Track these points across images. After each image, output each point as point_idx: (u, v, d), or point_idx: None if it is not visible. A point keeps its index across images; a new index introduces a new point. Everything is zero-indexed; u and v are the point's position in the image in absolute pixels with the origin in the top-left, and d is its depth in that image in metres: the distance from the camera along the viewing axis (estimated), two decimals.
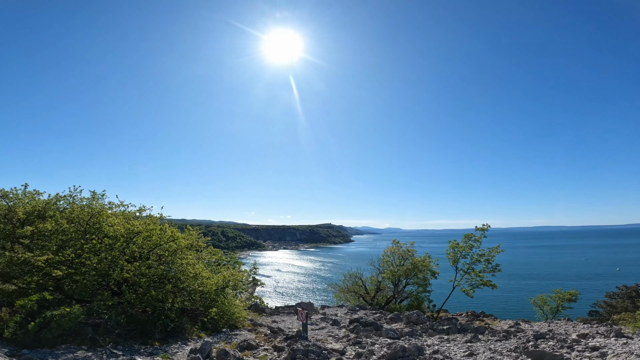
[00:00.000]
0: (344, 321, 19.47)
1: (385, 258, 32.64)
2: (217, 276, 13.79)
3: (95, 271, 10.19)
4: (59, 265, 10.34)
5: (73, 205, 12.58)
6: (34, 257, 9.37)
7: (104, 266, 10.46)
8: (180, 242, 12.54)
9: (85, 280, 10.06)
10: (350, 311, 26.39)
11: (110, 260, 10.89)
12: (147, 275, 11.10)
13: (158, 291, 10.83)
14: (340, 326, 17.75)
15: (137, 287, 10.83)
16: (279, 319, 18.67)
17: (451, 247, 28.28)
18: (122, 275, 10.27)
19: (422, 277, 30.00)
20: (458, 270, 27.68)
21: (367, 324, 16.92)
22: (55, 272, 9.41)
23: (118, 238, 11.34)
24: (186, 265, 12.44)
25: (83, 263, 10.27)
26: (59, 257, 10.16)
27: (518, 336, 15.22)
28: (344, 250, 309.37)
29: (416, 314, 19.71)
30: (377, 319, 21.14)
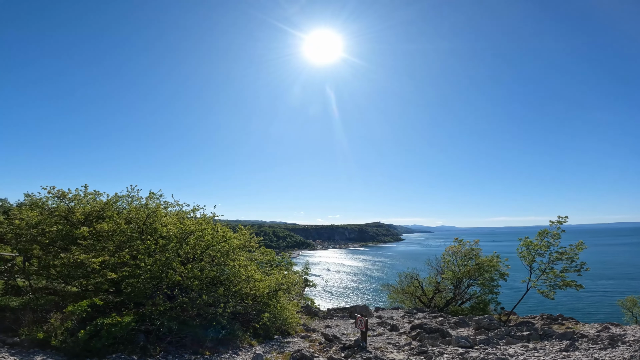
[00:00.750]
0: (402, 325, 17.92)
1: (446, 257, 30.57)
2: (269, 279, 13.07)
3: (149, 273, 9.90)
4: (116, 268, 10.24)
5: (131, 205, 12.61)
6: (89, 258, 9.27)
7: (157, 268, 10.14)
8: (232, 242, 11.99)
9: (139, 283, 9.82)
10: (407, 314, 24.82)
11: (163, 262, 10.58)
12: (199, 278, 10.63)
13: (210, 295, 10.30)
14: (400, 332, 16.26)
15: (189, 290, 10.40)
16: (332, 324, 17.65)
17: (524, 244, 25.53)
18: (175, 278, 9.86)
19: (489, 277, 27.48)
20: (533, 270, 24.96)
21: (431, 330, 15.21)
22: (110, 275, 9.23)
23: (171, 238, 11.02)
24: (238, 267, 11.83)
25: (138, 265, 10.04)
26: (114, 259, 10.03)
27: (627, 343, 12.41)
28: (394, 249, 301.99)
29: (488, 319, 17.51)
30: (439, 323, 19.26)
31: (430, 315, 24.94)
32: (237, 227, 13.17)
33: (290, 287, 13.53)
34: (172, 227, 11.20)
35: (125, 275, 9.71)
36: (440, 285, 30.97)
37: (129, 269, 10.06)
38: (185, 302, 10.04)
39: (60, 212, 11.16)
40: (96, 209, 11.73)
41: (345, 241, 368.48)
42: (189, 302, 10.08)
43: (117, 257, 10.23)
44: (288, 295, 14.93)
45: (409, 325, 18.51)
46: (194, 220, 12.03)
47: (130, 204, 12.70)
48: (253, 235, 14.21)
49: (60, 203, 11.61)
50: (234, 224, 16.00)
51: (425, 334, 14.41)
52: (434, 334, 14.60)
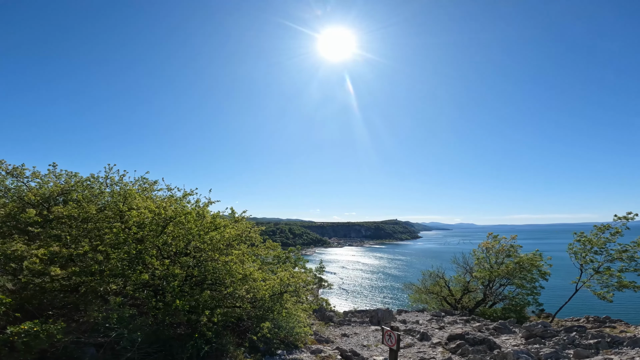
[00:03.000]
0: (433, 332, 15.14)
1: (478, 255, 27.68)
2: (272, 279, 10.51)
3: (108, 269, 7.49)
4: (70, 262, 7.90)
5: (103, 190, 10.28)
6: (32, 249, 6.96)
7: (122, 264, 7.74)
8: (224, 232, 9.47)
9: (94, 282, 7.43)
10: (434, 317, 22.11)
11: (133, 255, 8.17)
12: (179, 277, 8.15)
13: (190, 299, 7.81)
14: (433, 342, 13.47)
15: (165, 293, 7.94)
16: (350, 331, 15.00)
17: (578, 240, 22.68)
18: (140, 277, 7.42)
19: (530, 277, 24.63)
20: (584, 269, 22.26)
21: (475, 340, 12.33)
22: (53, 270, 6.88)
23: (145, 226, 8.60)
24: (231, 264, 9.29)
25: (96, 259, 7.64)
26: (68, 251, 7.68)
27: None
28: (411, 247, 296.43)
29: (542, 325, 14.51)
30: (477, 328, 16.34)
31: (461, 318, 22.28)
32: (231, 214, 10.52)
33: (299, 288, 10.94)
34: (147, 212, 8.76)
35: (75, 272, 7.34)
36: (470, 285, 28.14)
37: (82, 264, 7.70)
38: (157, 307, 7.60)
39: (8, 192, 8.93)
40: (57, 189, 9.44)
41: (361, 239, 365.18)
42: (162, 308, 7.62)
43: (72, 249, 7.88)
44: (297, 299, 12.36)
45: (439, 332, 15.77)
46: (178, 205, 9.56)
47: (106, 187, 10.36)
48: (253, 225, 11.67)
49: (16, 182, 9.40)
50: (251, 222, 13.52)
51: (468, 347, 11.59)
52: (479, 346, 11.75)
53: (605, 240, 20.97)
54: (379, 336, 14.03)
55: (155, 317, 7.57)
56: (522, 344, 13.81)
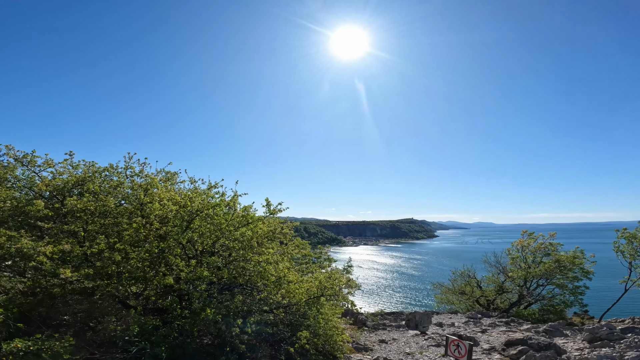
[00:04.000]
0: (479, 337, 13.61)
1: (513, 253, 26.01)
2: (308, 280, 9.30)
3: (127, 271, 6.41)
4: (83, 262, 6.87)
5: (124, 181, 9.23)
6: (39, 246, 5.94)
7: (142, 264, 6.65)
8: (257, 227, 8.29)
9: (110, 286, 6.35)
10: (470, 319, 20.68)
11: (155, 254, 7.09)
12: (207, 280, 7.01)
13: (220, 306, 6.66)
14: (484, 348, 12.06)
15: (192, 298, 6.81)
16: (387, 336, 13.66)
17: (625, 237, 21.01)
18: (166, 280, 6.31)
19: (573, 277, 22.93)
20: (634, 268, 20.64)
21: (540, 346, 10.81)
22: (62, 272, 5.83)
23: (170, 220, 7.52)
24: (265, 265, 8.10)
25: (112, 259, 6.58)
26: (81, 249, 6.65)
27: None
28: (427, 246, 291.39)
29: (607, 327, 12.90)
30: (535, 331, 14.78)
31: (500, 320, 20.79)
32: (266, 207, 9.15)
33: (338, 291, 9.69)
34: (171, 204, 7.66)
35: (89, 274, 6.28)
36: (505, 286, 26.49)
37: (100, 263, 6.65)
38: (183, 316, 6.47)
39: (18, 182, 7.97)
40: (72, 180, 8.45)
41: (377, 238, 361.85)
42: (189, 317, 6.50)
43: (86, 247, 6.86)
44: (333, 302, 11.14)
45: (484, 336, 14.27)
46: (201, 196, 8.41)
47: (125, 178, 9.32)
48: (285, 221, 10.49)
49: (27, 171, 8.45)
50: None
51: (534, 353, 10.07)
52: (545, 352, 10.22)
53: None
54: (421, 342, 12.67)
55: (180, 327, 6.46)
56: (586, 347, 12.25)
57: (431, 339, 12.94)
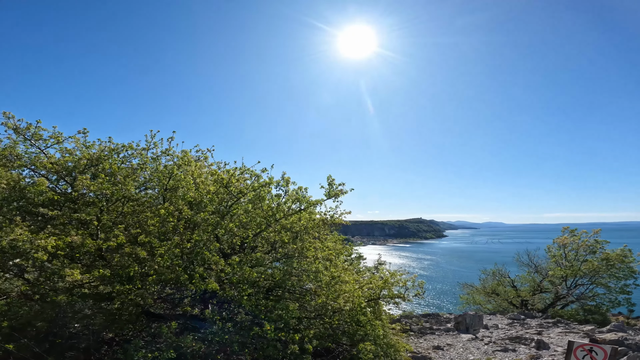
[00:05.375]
0: (541, 339, 11.85)
1: (553, 252, 24.31)
2: (366, 281, 7.67)
3: (154, 272, 4.83)
4: (98, 258, 5.31)
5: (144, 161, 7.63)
6: (37, 239, 4.39)
7: (173, 262, 5.05)
8: (306, 215, 6.67)
9: (133, 293, 4.77)
10: (515, 321, 18.99)
11: (188, 250, 5.50)
12: (252, 282, 5.40)
13: (273, 316, 5.04)
14: (557, 351, 10.39)
15: (235, 306, 5.20)
16: (438, 341, 11.98)
17: None
18: (208, 284, 4.71)
19: (623, 275, 21.29)
20: None
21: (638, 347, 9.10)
22: (68, 273, 4.27)
23: (205, 205, 5.92)
24: (318, 263, 6.48)
25: (137, 256, 5.00)
26: (92, 243, 5.07)
27: None
28: (436, 245, 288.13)
29: None
30: (594, 332, 13.01)
31: (547, 321, 19.04)
32: (328, 188, 7.29)
33: (400, 293, 8.05)
34: (208, 184, 6.07)
35: (105, 276, 4.70)
36: (542, 285, 24.90)
37: (119, 261, 5.07)
38: (225, 331, 4.86)
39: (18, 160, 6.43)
40: (85, 159, 6.90)
41: (385, 237, 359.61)
42: (234, 332, 4.88)
43: (101, 240, 5.29)
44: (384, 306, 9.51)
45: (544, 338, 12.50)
46: (241, 178, 6.79)
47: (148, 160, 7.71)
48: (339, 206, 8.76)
49: (29, 147, 6.93)
50: None
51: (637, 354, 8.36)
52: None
53: None
54: (482, 347, 10.99)
55: (223, 344, 4.83)
56: None
57: (493, 344, 11.24)
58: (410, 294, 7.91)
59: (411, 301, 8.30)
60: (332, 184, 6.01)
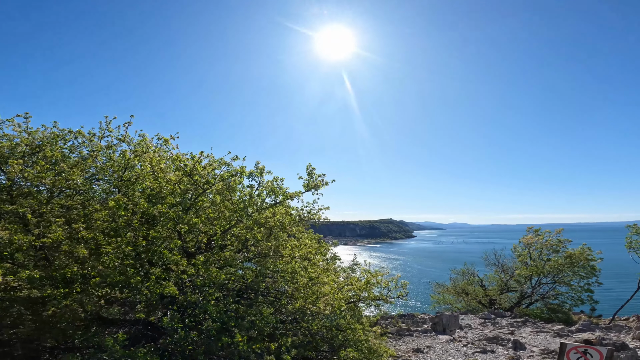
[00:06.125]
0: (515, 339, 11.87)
1: (519, 251, 24.98)
2: (348, 282, 7.13)
3: (98, 275, 3.98)
4: (28, 259, 4.37)
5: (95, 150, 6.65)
6: None
7: (122, 263, 4.22)
8: (282, 210, 6.00)
9: (71, 298, 3.90)
10: (486, 320, 19.20)
11: (144, 247, 4.69)
12: (219, 284, 4.67)
13: (245, 324, 4.35)
14: (539, 355, 10.38)
15: (200, 313, 4.44)
16: (417, 343, 11.68)
17: (635, 233, 20.17)
18: (161, 288, 3.95)
19: (585, 273, 22.14)
20: None
21: (616, 347, 9.16)
22: None
23: (164, 197, 5.09)
24: (295, 263, 5.85)
25: (74, 254, 4.12)
26: (24, 238, 4.15)
27: None
28: (406, 246, 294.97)
29: None
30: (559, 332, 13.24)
31: (516, 320, 19.47)
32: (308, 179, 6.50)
33: (381, 295, 7.59)
34: (167, 174, 5.25)
35: (32, 278, 3.81)
36: (509, 284, 25.62)
37: (59, 260, 4.18)
38: (192, 340, 4.11)
39: None
40: (24, 144, 5.85)
41: (356, 237, 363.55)
42: (202, 343, 4.15)
43: (32, 236, 4.35)
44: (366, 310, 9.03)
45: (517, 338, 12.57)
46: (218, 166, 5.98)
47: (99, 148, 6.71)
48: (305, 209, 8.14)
49: None
50: None
51: (618, 355, 8.38)
52: (624, 352, 8.55)
53: None
54: (462, 349, 10.79)
55: (186, 357, 4.08)
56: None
57: (472, 345, 11.07)
58: (392, 295, 7.44)
59: (393, 303, 7.84)
60: (312, 174, 5.38)
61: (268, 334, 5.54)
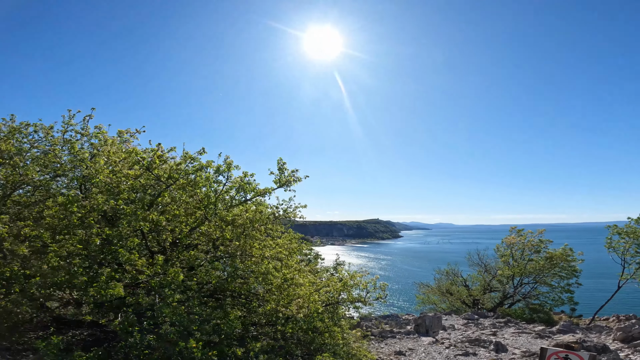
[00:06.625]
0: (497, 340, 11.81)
1: (502, 251, 25.08)
2: (325, 283, 6.85)
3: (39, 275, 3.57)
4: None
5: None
6: None
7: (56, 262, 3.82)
8: (252, 207, 5.67)
9: (6, 300, 3.50)
10: (469, 321, 19.21)
11: (97, 247, 4.28)
12: (183, 286, 4.31)
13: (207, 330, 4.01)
14: (516, 354, 10.32)
15: (159, 317, 4.07)
16: (400, 346, 11.48)
17: (617, 232, 20.51)
18: (111, 289, 3.57)
19: (565, 274, 22.40)
20: (627, 264, 20.16)
21: (597, 349, 9.09)
22: None
23: (121, 192, 4.69)
24: (267, 263, 5.52)
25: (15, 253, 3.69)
26: None
27: None
28: (393, 246, 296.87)
29: (639, 326, 11.60)
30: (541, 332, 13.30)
31: (498, 320, 19.55)
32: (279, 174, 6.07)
33: (361, 297, 7.33)
34: (125, 168, 4.84)
35: None
36: (492, 284, 25.75)
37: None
38: (147, 346, 3.74)
39: None
40: None
41: (344, 238, 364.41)
42: (158, 347, 3.78)
43: None
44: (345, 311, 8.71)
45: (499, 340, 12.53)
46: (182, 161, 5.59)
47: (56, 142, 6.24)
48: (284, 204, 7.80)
49: None
50: None
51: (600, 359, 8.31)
52: (604, 355, 8.50)
53: None
54: (444, 352, 10.63)
55: None
56: (625, 347, 10.86)
57: (454, 347, 10.91)
58: (371, 297, 7.18)
59: (372, 305, 7.58)
60: (284, 169, 5.06)
61: (238, 338, 5.20)
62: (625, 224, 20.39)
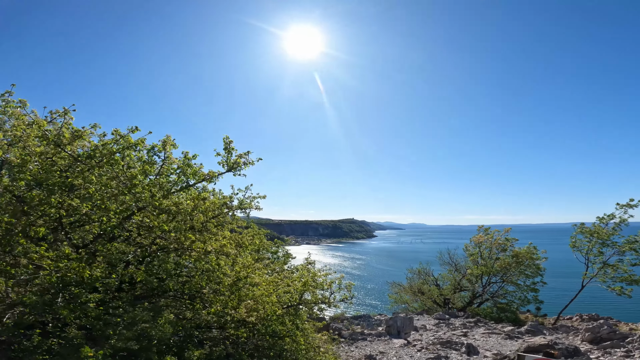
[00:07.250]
0: (468, 342, 11.59)
1: (471, 250, 25.24)
2: (282, 283, 6.20)
3: None
4: None
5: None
6: None
7: None
8: (195, 193, 4.91)
9: None
10: (441, 321, 19.18)
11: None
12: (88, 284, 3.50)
13: (129, 335, 3.24)
14: (487, 356, 10.06)
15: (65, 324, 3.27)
16: (371, 349, 11.01)
17: (582, 232, 20.98)
18: None
19: (531, 272, 22.74)
20: (590, 263, 20.62)
21: (569, 352, 8.90)
22: None
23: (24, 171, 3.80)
24: (215, 259, 4.80)
25: None
26: None
27: None
28: (367, 245, 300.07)
29: (607, 326, 11.78)
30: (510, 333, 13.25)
31: (468, 320, 19.58)
32: (226, 155, 5.32)
33: (325, 297, 6.72)
34: (32, 140, 3.97)
35: None
36: (462, 283, 25.92)
37: None
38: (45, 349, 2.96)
39: None
40: None
41: (319, 237, 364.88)
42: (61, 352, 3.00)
43: None
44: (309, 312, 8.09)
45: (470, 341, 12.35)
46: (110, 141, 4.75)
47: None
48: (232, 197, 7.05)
49: None
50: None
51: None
52: (582, 358, 8.33)
53: (608, 233, 19.71)
54: (416, 355, 10.22)
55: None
56: (594, 348, 10.85)
57: (426, 350, 10.52)
58: (336, 297, 6.58)
59: (338, 307, 6.98)
60: (231, 150, 4.34)
61: (177, 345, 4.44)
62: (593, 224, 20.96)
